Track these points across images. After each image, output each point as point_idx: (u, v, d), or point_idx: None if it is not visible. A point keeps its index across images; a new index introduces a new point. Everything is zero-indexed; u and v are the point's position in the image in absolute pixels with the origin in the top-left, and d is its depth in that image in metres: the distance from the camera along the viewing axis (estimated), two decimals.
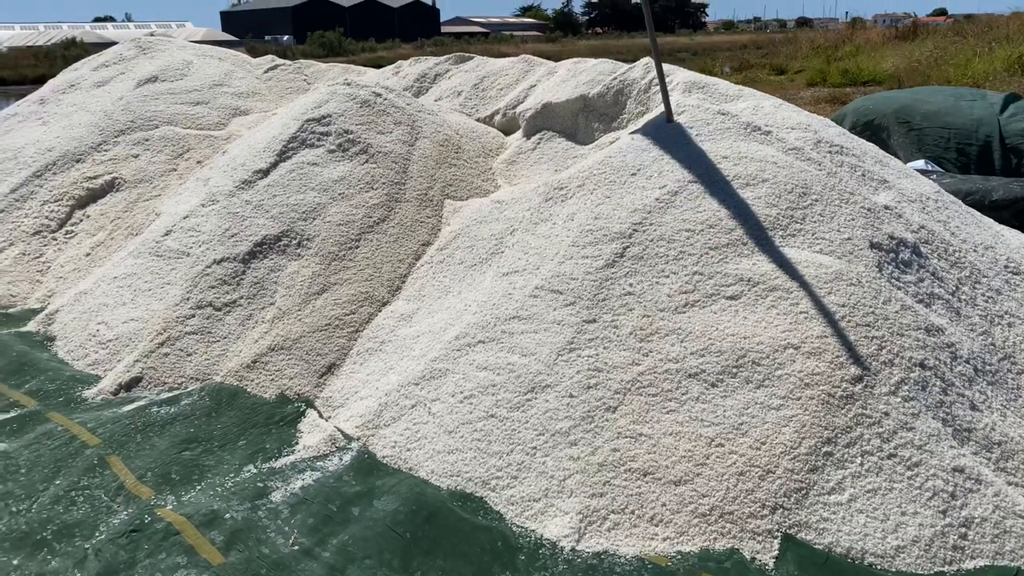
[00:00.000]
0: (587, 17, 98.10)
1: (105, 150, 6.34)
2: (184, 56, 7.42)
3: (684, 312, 3.46)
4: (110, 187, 6.09)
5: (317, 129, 5.23)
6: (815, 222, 3.76)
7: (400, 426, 3.47)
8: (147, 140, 6.36)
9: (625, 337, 3.42)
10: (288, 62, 7.77)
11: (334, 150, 5.11)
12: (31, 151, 6.47)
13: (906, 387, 3.14)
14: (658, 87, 5.04)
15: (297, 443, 3.55)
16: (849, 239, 3.70)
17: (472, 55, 6.81)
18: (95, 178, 6.13)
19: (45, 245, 5.79)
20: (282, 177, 5.01)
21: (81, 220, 5.93)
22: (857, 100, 9.60)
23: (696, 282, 3.54)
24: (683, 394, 3.20)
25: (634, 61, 5.57)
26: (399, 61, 7.32)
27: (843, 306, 3.36)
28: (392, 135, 5.20)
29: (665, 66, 4.79)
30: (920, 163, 7.66)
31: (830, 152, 4.34)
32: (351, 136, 5.14)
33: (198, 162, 6.13)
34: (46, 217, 5.94)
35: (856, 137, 4.89)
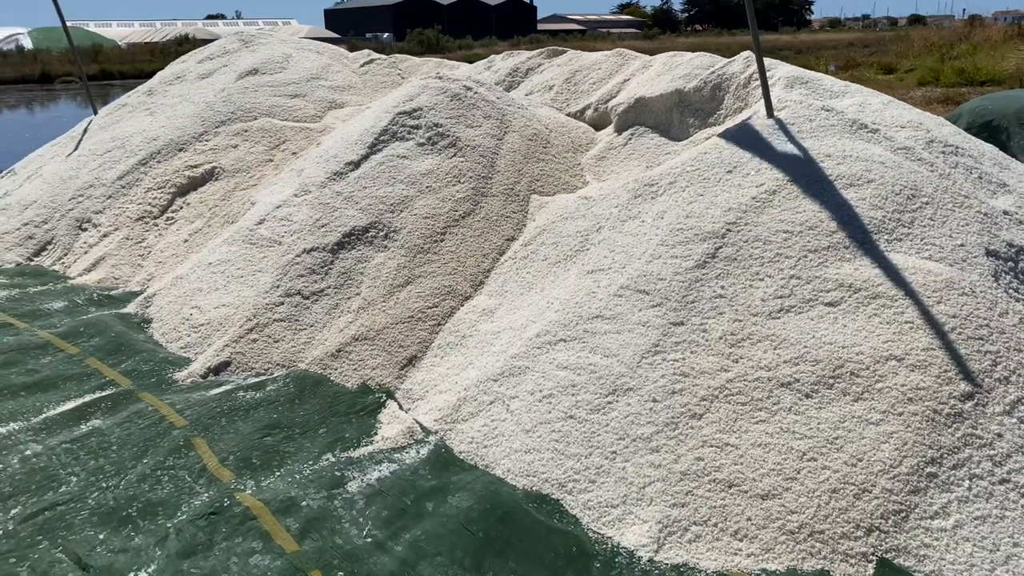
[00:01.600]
0: (687, 14, 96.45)
1: (206, 140, 6.54)
2: (284, 50, 7.59)
3: (779, 318, 3.29)
4: (210, 176, 6.27)
5: (408, 122, 5.24)
6: (924, 226, 3.52)
7: (478, 422, 3.42)
8: (246, 131, 6.52)
9: (714, 342, 3.27)
10: (383, 56, 7.86)
11: (423, 143, 5.11)
12: (138, 140, 6.72)
13: (1023, 407, 2.89)
14: (758, 82, 4.84)
15: (376, 434, 3.54)
16: (962, 245, 3.45)
17: (565, 49, 6.71)
18: (196, 167, 6.33)
19: (147, 231, 6.00)
20: (372, 169, 5.03)
21: (181, 207, 6.13)
22: (974, 100, 9.05)
23: (793, 286, 3.36)
24: (774, 404, 3.03)
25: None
26: (492, 55, 7.30)
27: (953, 317, 3.13)
28: (481, 129, 5.16)
29: (766, 60, 4.59)
30: None
31: (943, 152, 4.07)
32: (440, 129, 5.13)
33: (293, 153, 6.24)
34: (149, 204, 6.16)
35: (973, 138, 4.58)
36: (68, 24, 7.39)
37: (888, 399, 2.93)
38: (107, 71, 37.37)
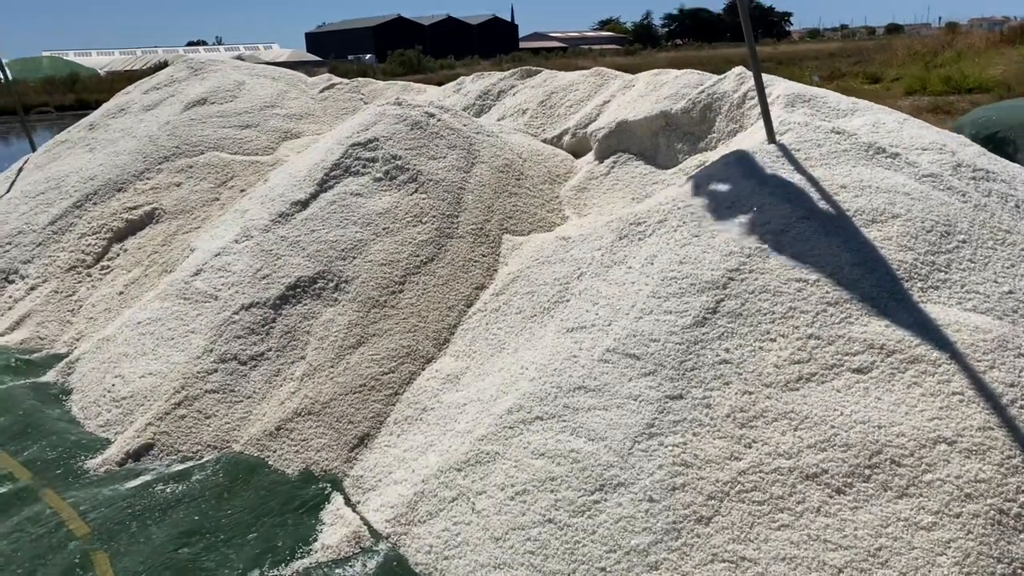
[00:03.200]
0: (667, 29, 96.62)
1: (147, 178, 5.94)
2: (236, 77, 7.02)
3: (797, 389, 2.71)
4: (149, 218, 5.67)
5: (363, 155, 4.66)
6: (964, 270, 2.96)
7: (437, 525, 2.82)
8: (191, 167, 5.93)
9: (720, 420, 2.69)
10: (345, 81, 7.29)
11: (380, 178, 4.53)
12: (74, 179, 6.12)
13: None
14: (753, 101, 4.30)
15: (316, 540, 2.94)
16: (1011, 293, 2.89)
17: (540, 69, 6.16)
18: (135, 208, 5.72)
19: (79, 282, 5.38)
20: (322, 209, 4.45)
21: (118, 255, 5.52)
22: (976, 111, 8.56)
23: (812, 349, 2.79)
24: (798, 503, 2.45)
25: (717, 72, 4.83)
26: (461, 77, 6.75)
27: (1012, 386, 2.56)
28: (445, 160, 4.59)
29: (763, 76, 4.05)
30: None
31: (974, 179, 3.52)
32: (399, 162, 4.56)
33: (242, 191, 5.65)
34: (82, 251, 5.55)
35: (1000, 158, 4.04)
36: (47, 54, 6.81)
37: (940, 495, 2.35)
38: (84, 100, 36.65)
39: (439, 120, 4.81)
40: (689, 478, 2.57)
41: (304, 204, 4.52)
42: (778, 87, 4.30)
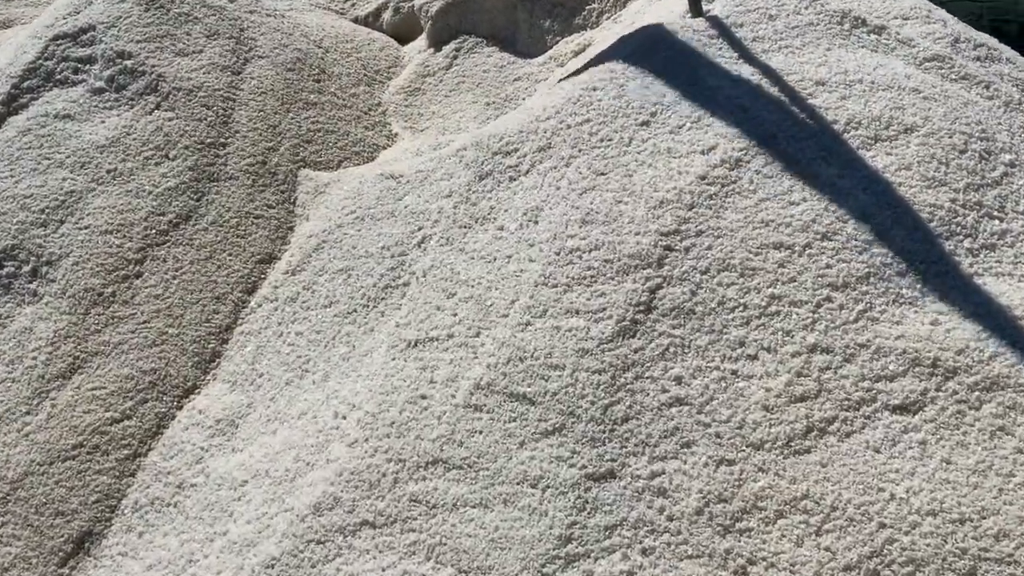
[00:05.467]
0: None
1: None
2: None
3: (806, 451, 1.59)
4: None
5: (72, 53, 3.05)
6: None
7: None
8: None
9: (688, 521, 1.54)
10: None
11: (102, 89, 2.96)
12: None
13: None
14: None
15: None
16: None
17: None
18: None
19: None
20: (10, 144, 2.87)
21: None
22: None
23: (820, 372, 1.66)
24: None
25: None
26: None
27: None
28: (202, 57, 3.06)
29: None
30: None
31: (980, 59, 2.45)
32: (130, 63, 2.99)
33: None
34: None
35: (975, 31, 3.00)
36: None
37: None
38: None
39: None
40: None
41: None
42: None
